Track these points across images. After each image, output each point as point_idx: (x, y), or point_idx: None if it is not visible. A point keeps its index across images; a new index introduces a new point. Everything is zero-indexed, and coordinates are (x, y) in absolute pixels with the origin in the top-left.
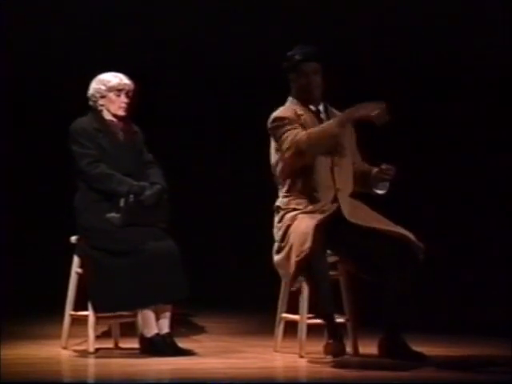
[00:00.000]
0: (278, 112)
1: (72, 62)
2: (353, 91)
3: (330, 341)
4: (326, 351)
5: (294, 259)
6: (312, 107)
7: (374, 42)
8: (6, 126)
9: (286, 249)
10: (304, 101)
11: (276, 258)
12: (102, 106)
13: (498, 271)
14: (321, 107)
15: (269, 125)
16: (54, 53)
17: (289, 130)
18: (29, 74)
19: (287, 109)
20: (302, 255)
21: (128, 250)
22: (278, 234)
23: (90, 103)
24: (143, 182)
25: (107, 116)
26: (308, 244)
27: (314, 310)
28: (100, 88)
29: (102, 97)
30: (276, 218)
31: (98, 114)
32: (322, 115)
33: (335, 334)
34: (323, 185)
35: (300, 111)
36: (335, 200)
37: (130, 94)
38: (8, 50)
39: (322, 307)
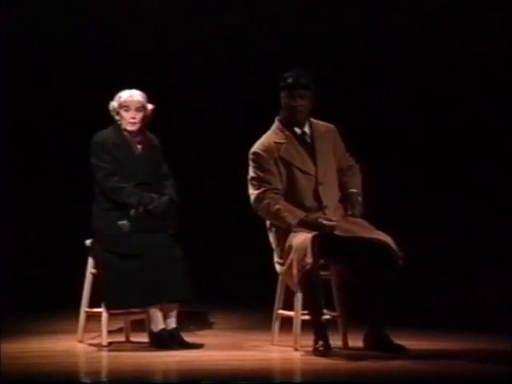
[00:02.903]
0: (257, 146)
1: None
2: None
3: (318, 345)
4: (315, 354)
5: (295, 272)
6: (297, 130)
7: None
8: (26, 132)
9: (288, 262)
10: (288, 122)
11: (279, 269)
12: (118, 120)
13: (495, 270)
14: (306, 129)
15: (249, 155)
16: (79, 66)
17: (258, 178)
18: (52, 87)
19: (267, 140)
20: (304, 270)
21: (137, 253)
22: (277, 249)
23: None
24: (159, 192)
25: (125, 130)
26: (309, 260)
27: (307, 309)
28: (114, 105)
29: (117, 113)
30: (271, 233)
31: (117, 127)
32: (307, 137)
33: (322, 332)
34: (310, 206)
35: (281, 139)
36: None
37: (142, 110)
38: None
39: (316, 309)
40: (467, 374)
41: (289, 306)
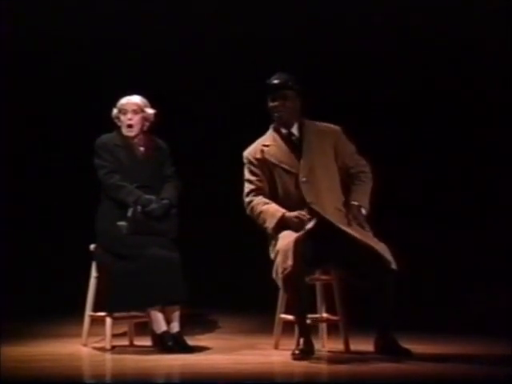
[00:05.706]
0: (248, 149)
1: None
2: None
3: (296, 348)
4: (292, 358)
5: (279, 275)
6: (283, 130)
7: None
8: (33, 140)
9: (275, 266)
10: (277, 125)
11: (273, 273)
12: (120, 126)
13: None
14: (294, 129)
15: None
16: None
17: (247, 180)
18: (59, 92)
19: (257, 143)
20: (286, 272)
21: (131, 254)
22: (272, 254)
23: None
24: (161, 194)
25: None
26: (290, 262)
27: (292, 310)
28: (114, 110)
29: (118, 119)
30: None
31: (120, 131)
32: (294, 137)
33: (304, 336)
34: (293, 202)
35: (269, 141)
36: (313, 213)
37: (139, 112)
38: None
39: (298, 312)
40: (467, 377)
41: (291, 310)
